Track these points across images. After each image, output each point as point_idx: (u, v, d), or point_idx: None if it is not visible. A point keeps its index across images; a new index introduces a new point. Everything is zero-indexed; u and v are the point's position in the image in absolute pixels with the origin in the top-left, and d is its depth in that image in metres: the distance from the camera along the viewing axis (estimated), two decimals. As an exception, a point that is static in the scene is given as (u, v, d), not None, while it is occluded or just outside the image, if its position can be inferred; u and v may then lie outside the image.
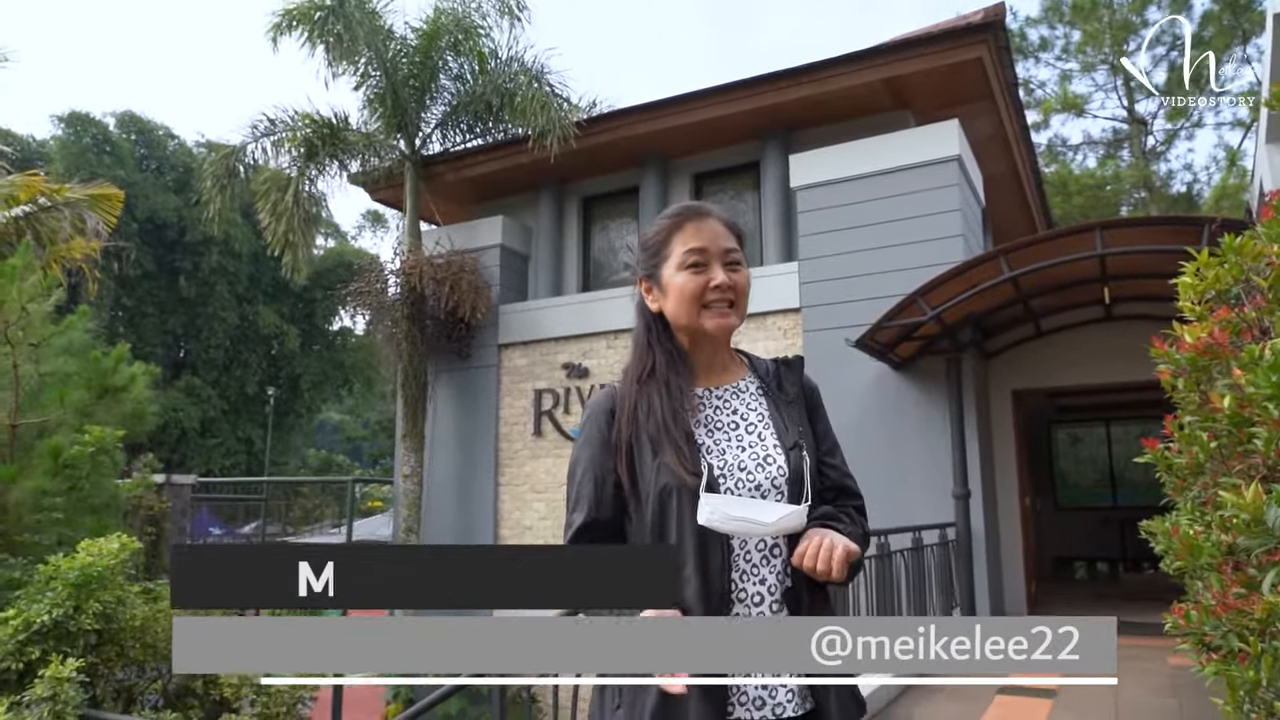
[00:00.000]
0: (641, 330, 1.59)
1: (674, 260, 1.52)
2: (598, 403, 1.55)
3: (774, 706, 1.35)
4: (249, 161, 10.71)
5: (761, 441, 1.47)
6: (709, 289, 1.49)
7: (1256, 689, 1.71)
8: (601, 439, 1.50)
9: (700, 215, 1.55)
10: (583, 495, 1.49)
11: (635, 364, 1.55)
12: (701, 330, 1.50)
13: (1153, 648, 6.49)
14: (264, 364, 30.12)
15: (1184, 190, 22.30)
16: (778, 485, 1.42)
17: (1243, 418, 2.18)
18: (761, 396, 1.55)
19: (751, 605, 1.38)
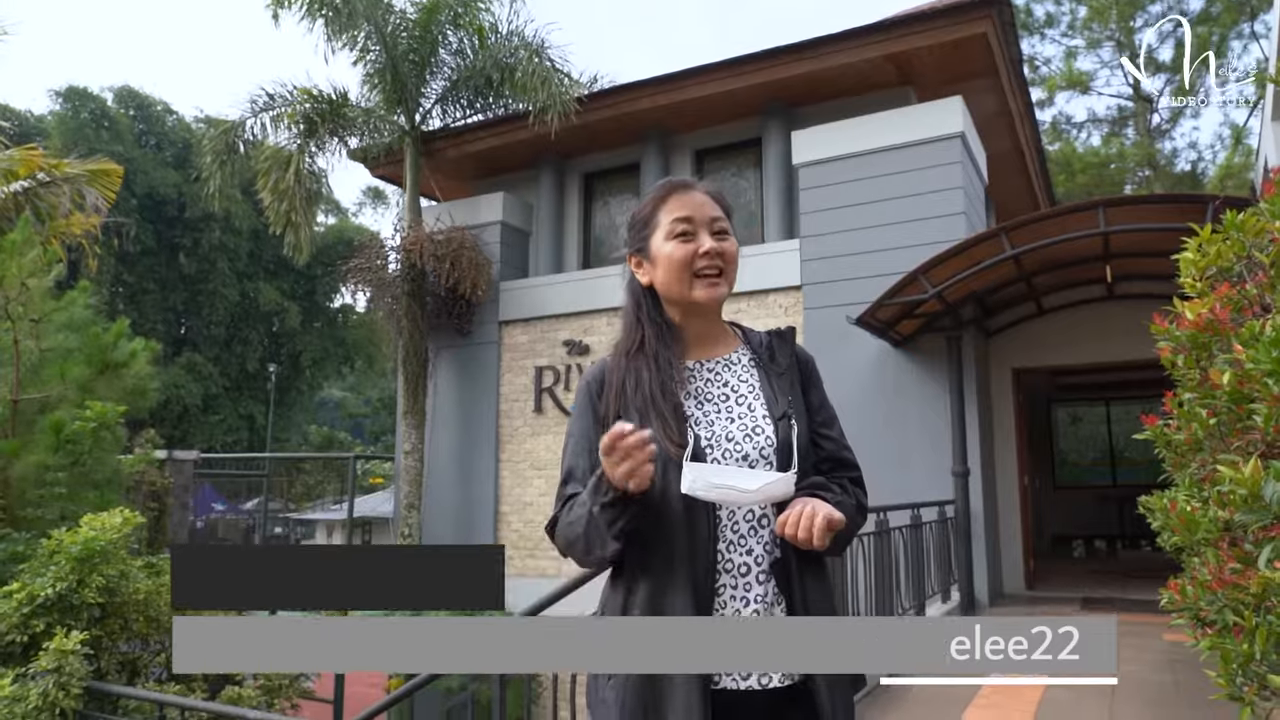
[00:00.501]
0: (631, 305, 1.58)
1: (662, 230, 1.51)
2: (589, 376, 1.55)
3: (760, 677, 1.36)
4: (248, 137, 10.65)
5: (751, 412, 1.46)
6: (698, 256, 1.48)
7: (1250, 662, 1.72)
8: (593, 411, 1.50)
9: (685, 187, 1.54)
10: (576, 467, 1.49)
11: (624, 339, 1.55)
12: (692, 301, 1.50)
13: (1150, 624, 6.52)
14: (265, 341, 30.15)
15: (1188, 169, 22.19)
16: (765, 455, 1.42)
17: (1242, 394, 2.18)
18: (753, 368, 1.54)
19: (738, 575, 1.38)
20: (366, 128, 10.68)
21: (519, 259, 11.17)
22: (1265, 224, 2.35)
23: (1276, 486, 1.60)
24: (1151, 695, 4.41)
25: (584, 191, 11.33)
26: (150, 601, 5.72)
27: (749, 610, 1.38)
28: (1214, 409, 2.35)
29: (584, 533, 1.37)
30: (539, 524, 10.09)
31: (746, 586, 1.38)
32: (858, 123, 8.66)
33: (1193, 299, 2.47)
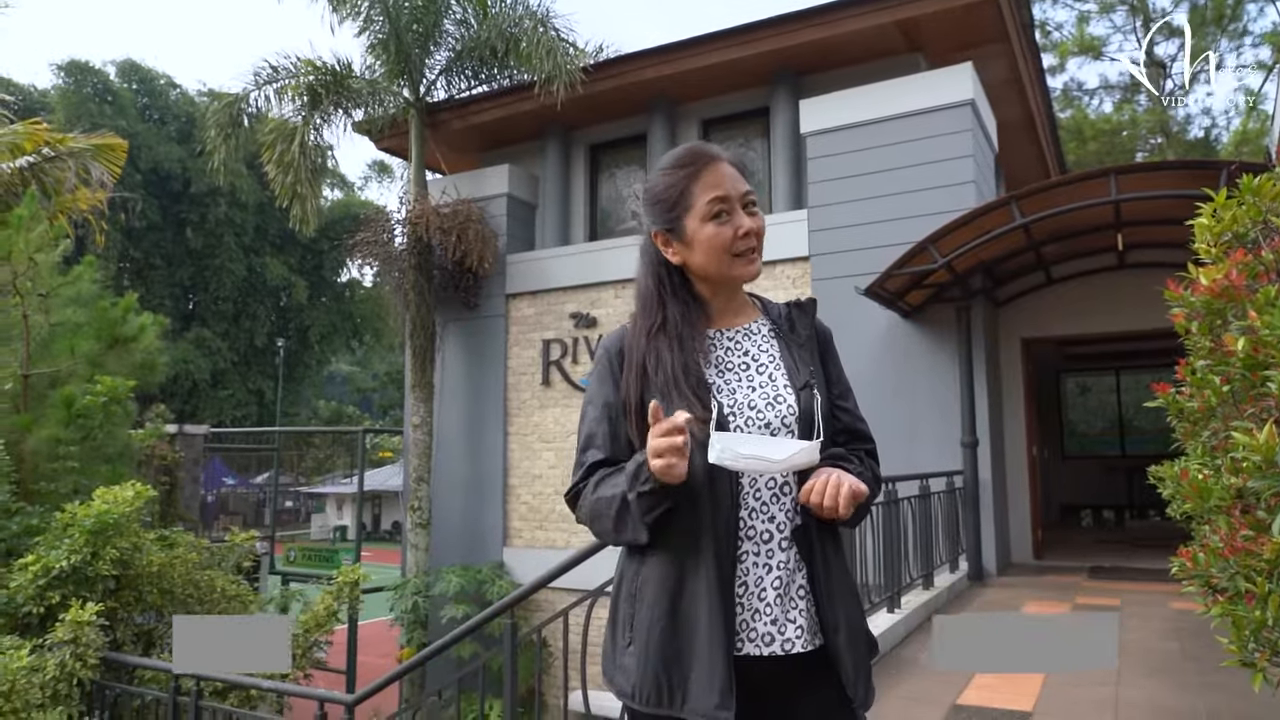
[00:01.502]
0: (651, 283, 1.53)
1: (698, 211, 1.47)
2: (610, 344, 1.53)
3: (783, 643, 1.36)
4: (252, 110, 10.59)
5: (772, 382, 1.46)
6: (737, 238, 1.46)
7: (1262, 628, 1.72)
8: (614, 379, 1.49)
9: (714, 159, 1.49)
10: (596, 434, 1.49)
11: (644, 317, 1.51)
12: (730, 279, 1.50)
13: (1158, 593, 6.56)
14: (273, 316, 30.25)
15: (1201, 135, 21.90)
16: (787, 424, 1.42)
17: (1256, 361, 2.16)
18: (773, 338, 1.54)
19: (760, 543, 1.38)
20: (371, 99, 10.59)
21: (525, 232, 11.12)
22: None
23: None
24: (1157, 663, 4.43)
25: (590, 163, 11.25)
26: (164, 574, 5.80)
27: (771, 577, 1.38)
28: (1227, 376, 2.33)
29: (615, 515, 1.38)
30: (548, 496, 10.15)
31: (769, 554, 1.39)
32: (866, 91, 8.55)
33: (1207, 265, 2.43)
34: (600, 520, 1.42)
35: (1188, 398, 2.47)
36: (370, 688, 3.94)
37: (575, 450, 1.53)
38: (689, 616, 1.34)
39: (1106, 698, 3.84)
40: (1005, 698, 3.88)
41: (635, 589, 1.42)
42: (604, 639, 1.50)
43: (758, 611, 1.37)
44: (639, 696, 1.36)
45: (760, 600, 1.37)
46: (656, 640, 1.35)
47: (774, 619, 1.37)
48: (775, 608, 1.37)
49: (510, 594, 3.60)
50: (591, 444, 1.49)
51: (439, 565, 9.96)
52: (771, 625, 1.37)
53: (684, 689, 1.33)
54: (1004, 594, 6.67)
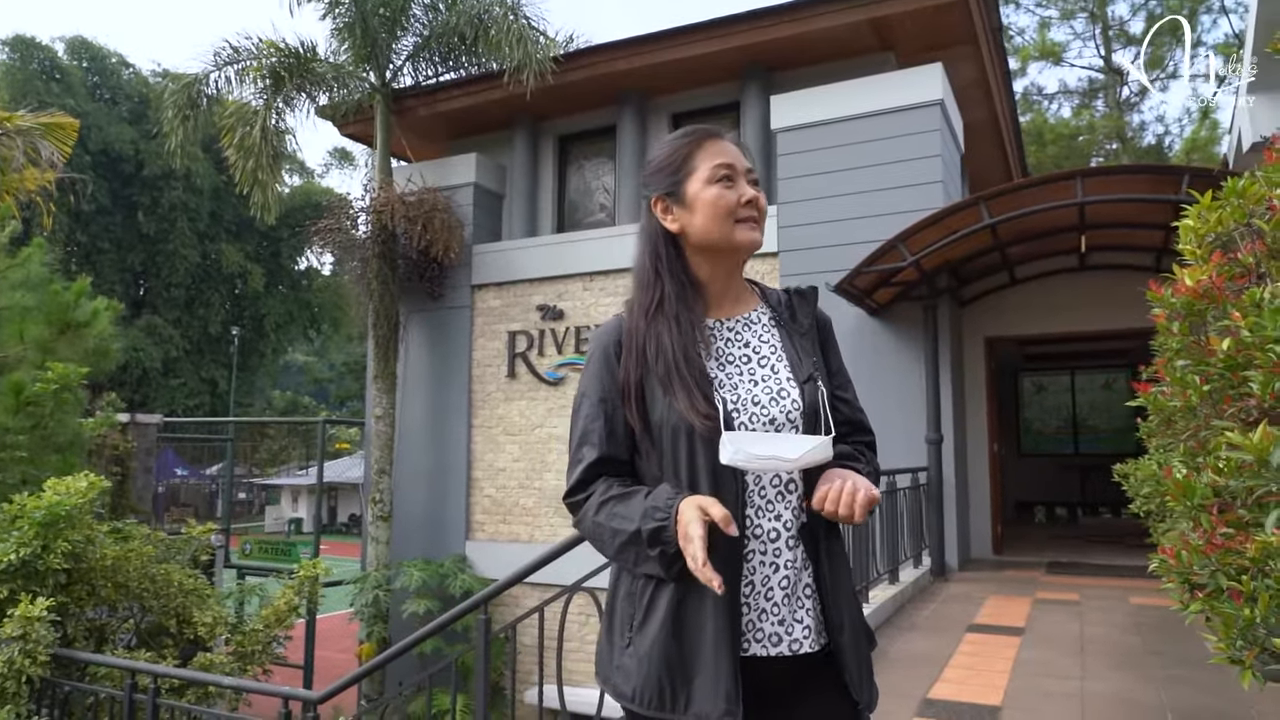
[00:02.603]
0: (648, 258, 1.48)
1: (701, 174, 1.44)
2: (606, 333, 1.47)
3: (790, 643, 1.33)
4: (211, 92, 10.30)
5: (775, 375, 1.42)
6: (741, 204, 1.43)
7: (1251, 626, 1.73)
8: (610, 372, 1.43)
9: (719, 135, 1.48)
10: (592, 430, 1.42)
11: (642, 296, 1.46)
12: (734, 244, 1.44)
13: (1116, 587, 6.70)
14: (227, 304, 29.58)
15: (1154, 142, 22.44)
16: (792, 419, 1.37)
17: (1237, 361, 2.19)
18: (774, 328, 1.49)
19: (767, 541, 1.34)
20: (335, 84, 10.36)
21: (492, 222, 11.00)
22: (1265, 191, 2.34)
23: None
24: (1121, 657, 4.51)
25: (558, 154, 11.16)
26: (118, 568, 5.62)
27: (779, 577, 1.35)
28: (1207, 376, 2.36)
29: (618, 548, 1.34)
30: (511, 490, 10.06)
31: (776, 552, 1.35)
32: (837, 88, 8.59)
33: (1191, 266, 2.46)
34: (601, 545, 1.38)
35: (1169, 397, 2.50)
36: (337, 685, 3.85)
37: (570, 445, 1.46)
38: (694, 619, 1.30)
39: (1073, 691, 3.90)
40: (974, 691, 3.92)
41: (636, 588, 1.36)
42: (599, 638, 1.45)
43: (764, 611, 1.33)
44: (639, 699, 1.32)
45: (767, 600, 1.34)
46: (660, 642, 1.31)
47: (781, 619, 1.33)
48: (783, 608, 1.34)
49: (484, 589, 3.54)
50: (587, 440, 1.42)
51: (400, 559, 9.82)
52: (779, 625, 1.33)
53: (687, 692, 1.29)
54: (967, 588, 6.76)
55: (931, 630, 5.24)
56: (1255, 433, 1.68)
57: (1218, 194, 2.48)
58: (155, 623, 5.95)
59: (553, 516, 9.74)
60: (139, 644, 5.81)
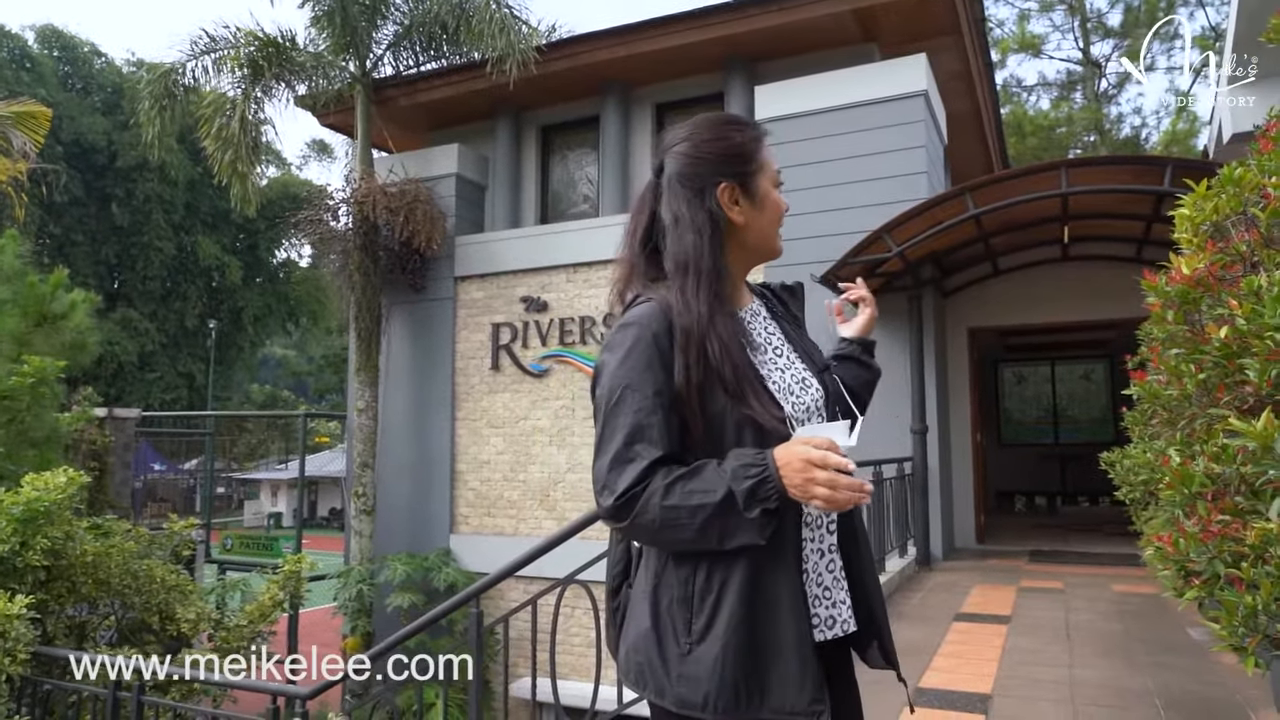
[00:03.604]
0: (708, 245, 1.36)
1: (769, 174, 1.46)
2: (651, 321, 1.32)
3: (841, 624, 1.37)
4: (188, 82, 10.14)
5: (793, 365, 1.44)
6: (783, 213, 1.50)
7: (1253, 614, 1.74)
8: (664, 365, 1.30)
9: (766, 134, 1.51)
10: (649, 425, 1.27)
11: (700, 286, 1.33)
12: (774, 252, 1.50)
13: (1098, 575, 6.77)
14: (204, 296, 29.23)
15: (1131, 134, 22.66)
16: (819, 407, 1.40)
17: (1232, 349, 2.20)
18: (771, 320, 1.51)
19: (814, 528, 1.37)
20: (315, 73, 10.23)
21: (474, 213, 10.92)
22: (1260, 180, 2.35)
23: (1288, 440, 1.60)
24: (1106, 644, 4.55)
25: (541, 145, 11.09)
26: (98, 564, 5.54)
27: (825, 561, 1.38)
28: (1201, 364, 2.37)
29: (700, 525, 1.21)
30: (496, 482, 10.01)
31: (821, 538, 1.38)
32: (821, 79, 8.58)
33: (1187, 254, 2.47)
34: (677, 529, 1.23)
35: (1165, 385, 2.51)
36: (326, 681, 3.81)
37: (609, 443, 1.29)
38: (768, 612, 1.27)
39: (1062, 678, 3.93)
40: (965, 680, 3.94)
41: (694, 590, 1.28)
42: (641, 648, 1.32)
43: (818, 597, 1.36)
44: (713, 705, 1.23)
45: (819, 586, 1.36)
46: (734, 642, 1.24)
47: (833, 602, 1.37)
48: (833, 591, 1.38)
49: (475, 583, 3.51)
50: (642, 437, 1.27)
51: (384, 552, 9.75)
52: (832, 609, 1.37)
53: (762, 687, 1.24)
54: (952, 577, 6.80)
55: (919, 619, 5.26)
56: (1259, 419, 1.68)
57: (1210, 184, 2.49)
58: (137, 619, 5.86)
59: (537, 509, 9.71)
60: (120, 640, 5.72)
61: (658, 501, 1.23)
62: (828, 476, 1.15)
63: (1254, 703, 3.43)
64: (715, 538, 1.23)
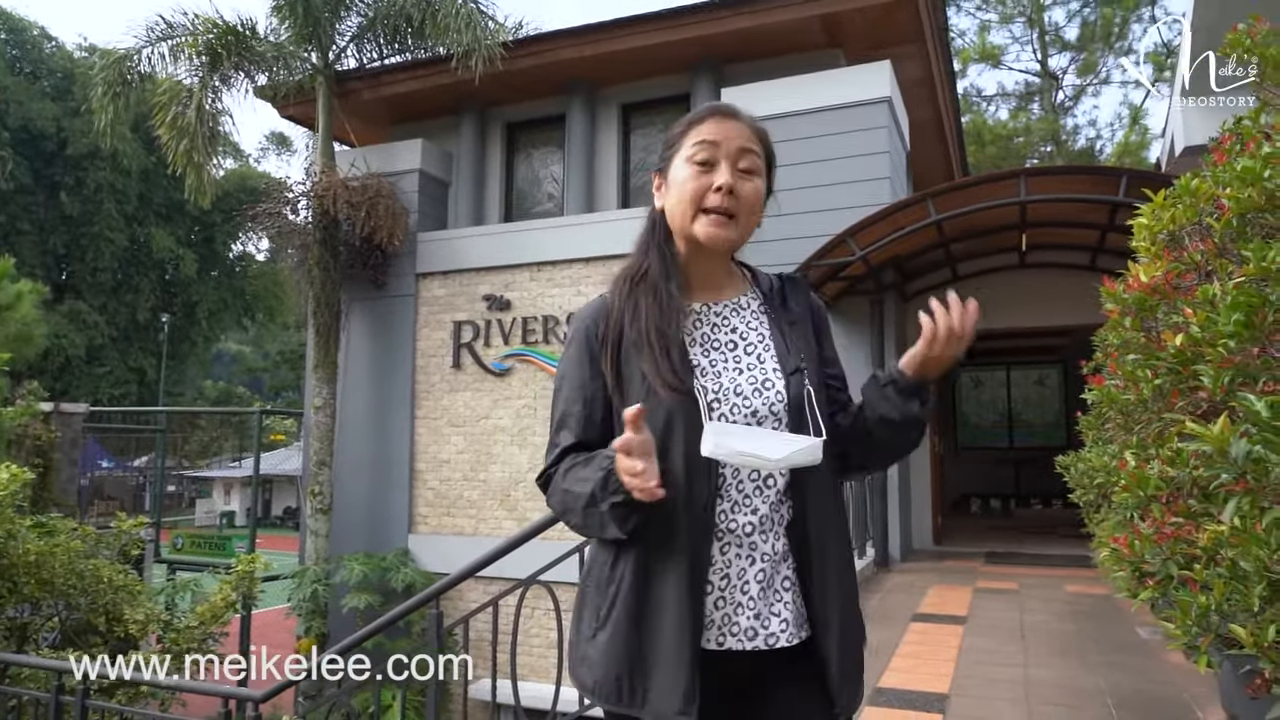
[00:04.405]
0: (645, 229, 1.46)
1: (683, 152, 1.38)
2: (586, 315, 1.42)
3: (766, 637, 1.28)
4: (144, 69, 9.89)
5: (760, 364, 1.36)
6: (710, 191, 1.34)
7: (1206, 613, 1.78)
8: (590, 355, 1.37)
9: (726, 113, 1.40)
10: (570, 415, 1.38)
11: (630, 263, 1.43)
12: (693, 237, 1.37)
13: (1052, 576, 6.90)
14: (157, 290, 28.55)
15: (1087, 145, 23.17)
16: (776, 412, 1.32)
17: (1187, 356, 2.24)
18: (762, 314, 1.43)
19: (743, 535, 1.29)
20: (276, 64, 10.04)
21: (437, 210, 10.80)
22: (1215, 191, 2.41)
23: (1242, 444, 1.63)
24: (1059, 644, 4.64)
25: (506, 142, 11.01)
26: (42, 563, 5.37)
27: (755, 570, 1.30)
28: (1157, 370, 2.42)
29: (583, 512, 1.28)
30: (455, 482, 9.92)
31: (752, 545, 1.31)
32: (787, 83, 8.63)
33: (1145, 262, 2.52)
34: (570, 515, 1.33)
35: (1122, 390, 2.56)
36: (281, 683, 3.73)
37: (549, 430, 1.43)
38: (655, 614, 1.26)
39: (1017, 678, 3.99)
40: (923, 679, 3.98)
41: (605, 577, 1.33)
42: (570, 629, 1.41)
43: (740, 605, 1.28)
44: (599, 692, 1.30)
45: (743, 594, 1.29)
46: (620, 634, 1.27)
47: (756, 613, 1.28)
48: (758, 601, 1.29)
49: (435, 584, 3.47)
50: (564, 425, 1.38)
51: (340, 552, 9.60)
52: (754, 620, 1.28)
53: (644, 688, 1.25)
54: (909, 578, 6.88)
55: (878, 620, 5.31)
56: (1216, 424, 1.71)
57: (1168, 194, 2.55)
58: (82, 620, 5.70)
59: (497, 509, 9.64)
60: (65, 642, 5.55)
61: (556, 484, 1.35)
62: (622, 466, 1.16)
63: (1200, 700, 3.52)
64: (596, 526, 1.28)
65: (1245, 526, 1.59)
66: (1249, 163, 2.08)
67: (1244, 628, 1.64)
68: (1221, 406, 2.10)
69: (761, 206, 1.43)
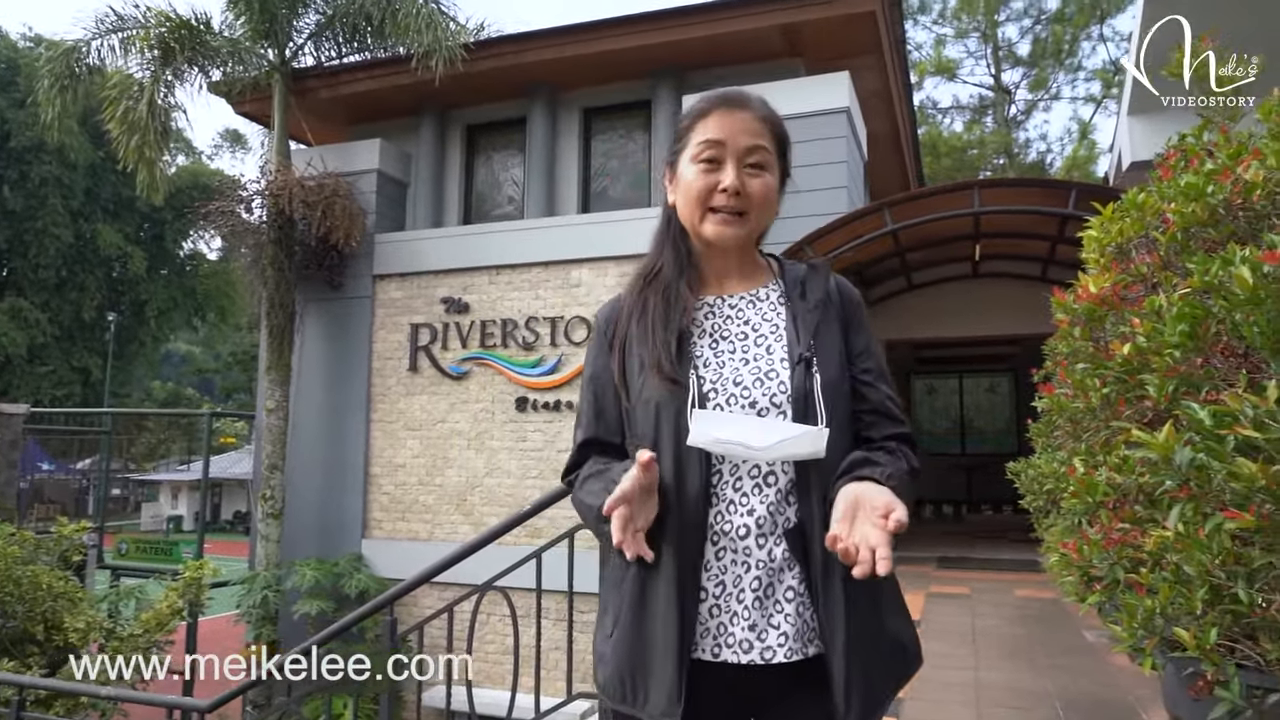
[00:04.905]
0: (660, 225, 1.46)
1: (689, 150, 1.35)
2: (603, 313, 1.44)
3: (762, 650, 1.20)
4: (93, 61, 9.64)
5: (768, 354, 1.29)
6: (715, 191, 1.31)
7: (1151, 617, 1.82)
8: (603, 355, 1.40)
9: (733, 104, 1.35)
10: (585, 411, 1.42)
11: (646, 262, 1.44)
12: (702, 237, 1.36)
13: (1002, 581, 7.02)
14: (104, 288, 27.81)
15: (1038, 159, 23.73)
16: (777, 403, 1.24)
17: (1134, 366, 2.30)
18: (781, 305, 1.37)
19: (737, 539, 1.23)
20: (231, 59, 9.84)
21: (395, 211, 10.68)
22: (1160, 205, 2.48)
23: (1186, 451, 1.68)
24: (1009, 648, 4.72)
25: (466, 144, 10.93)
26: (-22, 569, 5.18)
27: (750, 577, 1.23)
28: (1105, 379, 2.49)
29: (595, 522, 1.29)
30: (411, 486, 9.80)
31: (747, 551, 1.23)
32: (747, 91, 8.69)
33: (1094, 274, 2.58)
34: (587, 522, 1.35)
35: (1072, 399, 2.61)
36: (227, 694, 3.65)
37: None
38: (651, 616, 1.25)
39: (969, 680, 4.05)
40: (876, 684, 4.02)
41: (618, 577, 1.32)
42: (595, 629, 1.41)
43: (735, 615, 1.22)
44: (607, 690, 1.30)
45: (739, 602, 1.22)
46: (625, 636, 1.27)
47: (752, 624, 1.21)
48: (754, 611, 1.21)
49: (389, 589, 3.42)
50: (580, 422, 1.43)
51: (291, 558, 9.42)
52: (749, 631, 1.21)
53: (645, 688, 1.24)
54: (864, 584, 6.95)
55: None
56: (1161, 432, 1.76)
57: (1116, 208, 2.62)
58: (19, 629, 5.52)
59: (453, 514, 9.54)
60: (0, 653, 5.37)
61: (576, 491, 1.37)
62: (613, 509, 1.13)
63: (1144, 701, 3.60)
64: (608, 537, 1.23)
65: (1189, 532, 1.63)
66: (1192, 179, 2.15)
67: (1187, 630, 1.68)
68: (1166, 415, 2.16)
69: (776, 197, 1.39)
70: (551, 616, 6.24)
